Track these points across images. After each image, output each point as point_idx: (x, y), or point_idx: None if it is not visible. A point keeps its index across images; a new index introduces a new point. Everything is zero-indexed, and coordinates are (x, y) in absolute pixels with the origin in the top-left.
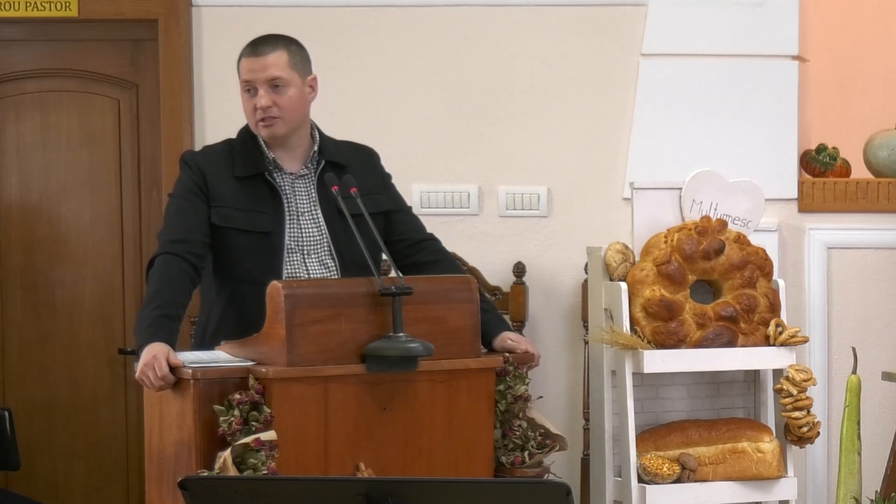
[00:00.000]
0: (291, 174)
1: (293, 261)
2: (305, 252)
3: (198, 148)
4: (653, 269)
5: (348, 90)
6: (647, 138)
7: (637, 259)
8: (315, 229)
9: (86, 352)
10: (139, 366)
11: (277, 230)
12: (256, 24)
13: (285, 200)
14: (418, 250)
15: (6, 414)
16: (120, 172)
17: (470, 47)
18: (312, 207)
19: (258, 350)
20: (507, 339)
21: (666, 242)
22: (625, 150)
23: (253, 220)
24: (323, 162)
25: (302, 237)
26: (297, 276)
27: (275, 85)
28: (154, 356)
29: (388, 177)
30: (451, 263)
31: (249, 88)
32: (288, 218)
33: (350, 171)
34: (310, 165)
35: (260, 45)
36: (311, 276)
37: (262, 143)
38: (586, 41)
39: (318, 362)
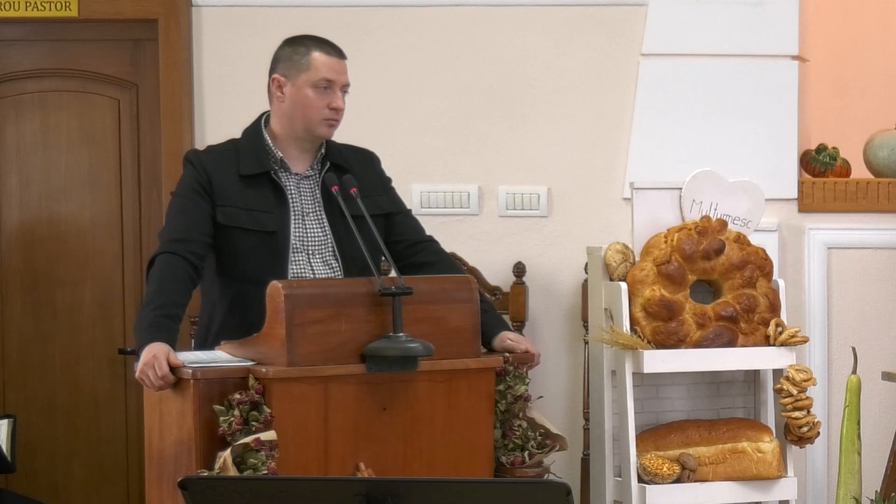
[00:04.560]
0: (297, 174)
1: (298, 261)
2: (310, 252)
3: (199, 147)
4: (653, 269)
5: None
6: (647, 138)
7: (637, 259)
8: (319, 229)
9: (86, 352)
10: (139, 365)
11: (283, 230)
12: (256, 24)
13: (291, 200)
14: (417, 251)
15: (8, 421)
16: (120, 172)
17: (470, 47)
18: (317, 208)
19: (258, 350)
20: (507, 338)
21: (666, 242)
22: (625, 150)
23: (258, 220)
24: (328, 163)
25: (307, 237)
26: (302, 276)
27: (345, 91)
28: (154, 356)
29: (389, 180)
30: (450, 264)
31: (327, 86)
32: (293, 218)
33: (352, 173)
34: (315, 166)
35: (338, 49)
36: (316, 276)
37: (269, 142)
38: (586, 41)
39: (318, 362)
